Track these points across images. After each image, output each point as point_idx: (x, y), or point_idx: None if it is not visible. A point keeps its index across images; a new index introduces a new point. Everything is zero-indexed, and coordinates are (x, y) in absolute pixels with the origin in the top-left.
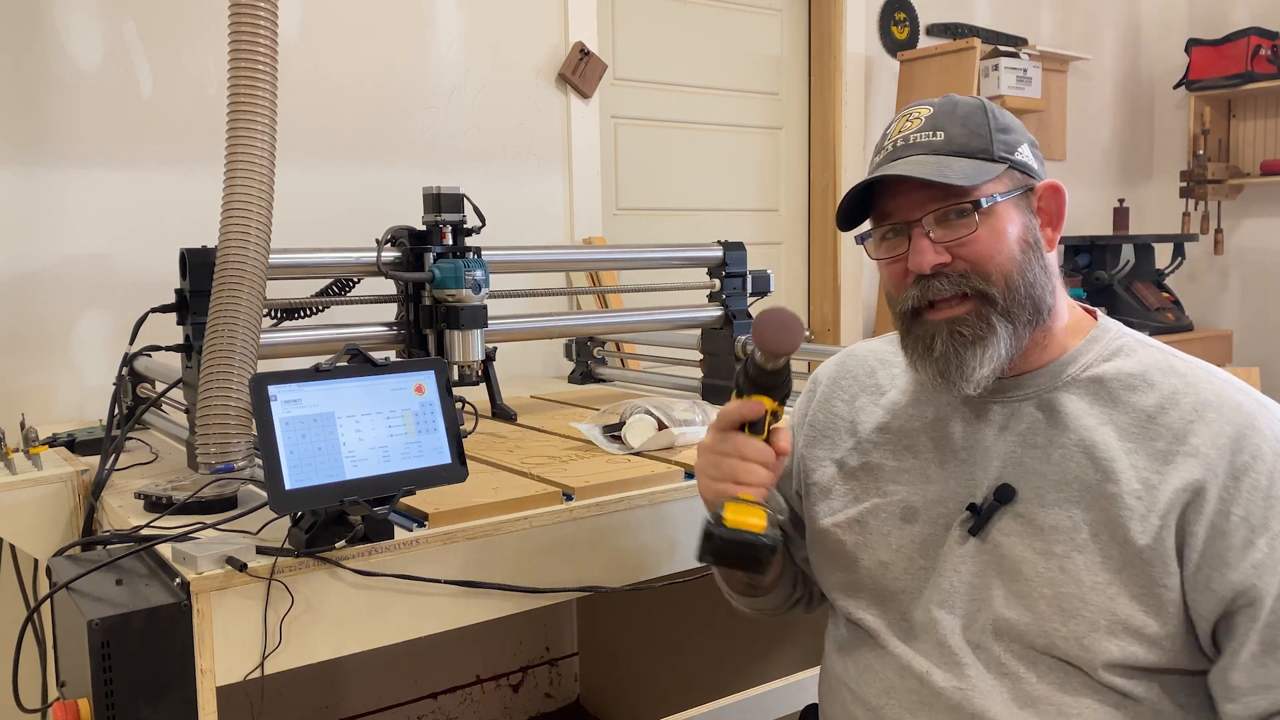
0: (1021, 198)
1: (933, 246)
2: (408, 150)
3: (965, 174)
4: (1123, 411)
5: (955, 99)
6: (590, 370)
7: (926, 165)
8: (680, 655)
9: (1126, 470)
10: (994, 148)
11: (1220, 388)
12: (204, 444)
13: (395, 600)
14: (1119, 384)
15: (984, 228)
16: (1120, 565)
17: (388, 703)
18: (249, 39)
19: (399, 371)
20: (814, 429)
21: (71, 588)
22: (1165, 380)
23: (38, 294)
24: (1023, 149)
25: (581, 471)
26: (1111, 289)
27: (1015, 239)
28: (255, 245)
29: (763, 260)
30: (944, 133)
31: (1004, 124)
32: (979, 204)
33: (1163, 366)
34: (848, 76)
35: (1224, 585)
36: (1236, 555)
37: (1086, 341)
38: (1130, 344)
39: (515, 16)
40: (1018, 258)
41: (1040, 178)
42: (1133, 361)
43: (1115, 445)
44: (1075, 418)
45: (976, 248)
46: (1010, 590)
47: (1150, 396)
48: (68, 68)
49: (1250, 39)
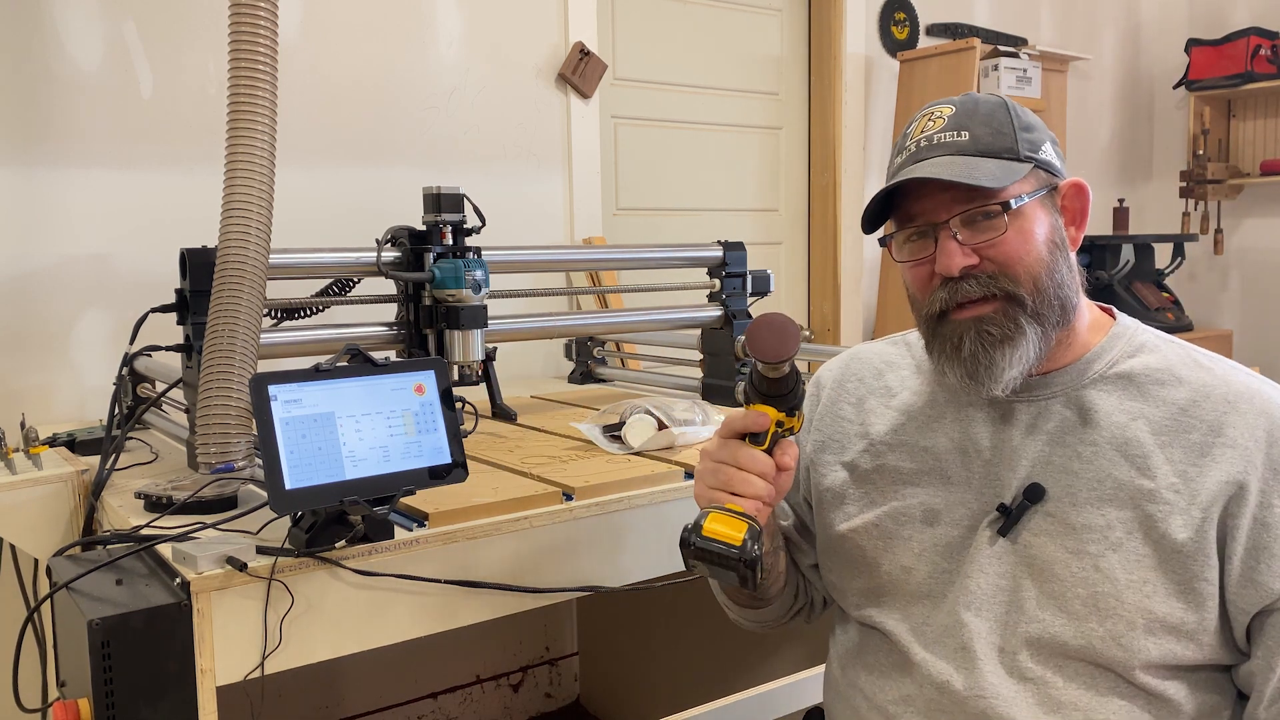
0: (1047, 197)
1: (960, 249)
2: (408, 150)
3: (993, 175)
4: (1154, 406)
5: (976, 97)
6: (590, 370)
7: (954, 166)
8: (680, 655)
9: (1162, 465)
10: (1019, 147)
11: (1247, 380)
12: (204, 444)
13: (395, 600)
14: (1147, 379)
15: (1012, 229)
16: (1157, 562)
17: (388, 703)
18: (249, 39)
19: (399, 371)
20: (821, 433)
21: (71, 588)
22: (1193, 374)
23: (38, 294)
24: (1045, 148)
25: (581, 471)
26: (1111, 289)
27: (1043, 240)
28: (255, 245)
29: (763, 260)
30: (968, 132)
31: (1027, 122)
32: (1008, 205)
33: (1187, 361)
34: (848, 76)
35: (1271, 577)
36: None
37: (1109, 339)
38: (1152, 341)
39: (515, 16)
40: (1045, 258)
41: (1063, 176)
42: (1157, 357)
43: (1149, 440)
44: (1106, 415)
45: (1005, 249)
46: (1043, 591)
47: (1180, 391)
48: (68, 68)
49: (1250, 39)
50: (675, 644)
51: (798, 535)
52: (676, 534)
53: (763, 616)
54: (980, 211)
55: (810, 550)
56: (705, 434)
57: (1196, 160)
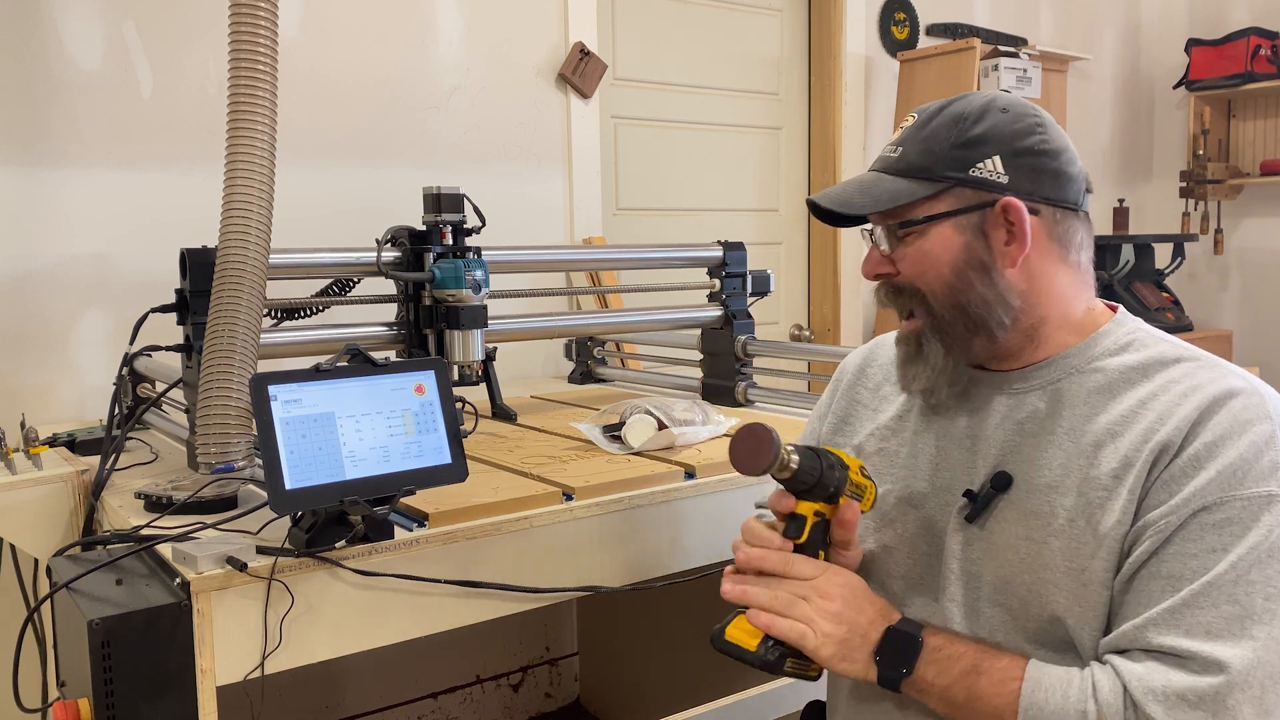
0: (969, 216)
1: (879, 256)
2: (408, 150)
3: (881, 198)
4: (1118, 400)
5: (939, 107)
6: (590, 370)
7: (848, 189)
8: (680, 655)
9: (1110, 455)
10: (940, 166)
11: (1220, 375)
12: (204, 444)
13: (395, 600)
14: (1119, 376)
15: (911, 248)
16: (1095, 550)
17: (388, 703)
18: (249, 39)
19: (399, 371)
20: (837, 417)
21: (71, 587)
22: (1166, 371)
23: (38, 294)
24: (987, 164)
25: (581, 471)
26: (1111, 289)
27: (947, 261)
28: (255, 245)
29: (762, 260)
30: (903, 149)
31: (973, 138)
32: (906, 224)
33: (1168, 358)
34: (847, 77)
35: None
36: (1164, 497)
37: (1094, 337)
38: (1143, 339)
39: (515, 16)
40: (948, 279)
41: (1011, 192)
42: (1140, 356)
43: (1103, 431)
44: (1072, 407)
45: (905, 265)
46: (998, 576)
47: (1146, 387)
48: (68, 68)
49: (1250, 39)
50: (675, 644)
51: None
52: (677, 534)
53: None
54: (889, 225)
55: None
56: (705, 434)
57: (1196, 160)
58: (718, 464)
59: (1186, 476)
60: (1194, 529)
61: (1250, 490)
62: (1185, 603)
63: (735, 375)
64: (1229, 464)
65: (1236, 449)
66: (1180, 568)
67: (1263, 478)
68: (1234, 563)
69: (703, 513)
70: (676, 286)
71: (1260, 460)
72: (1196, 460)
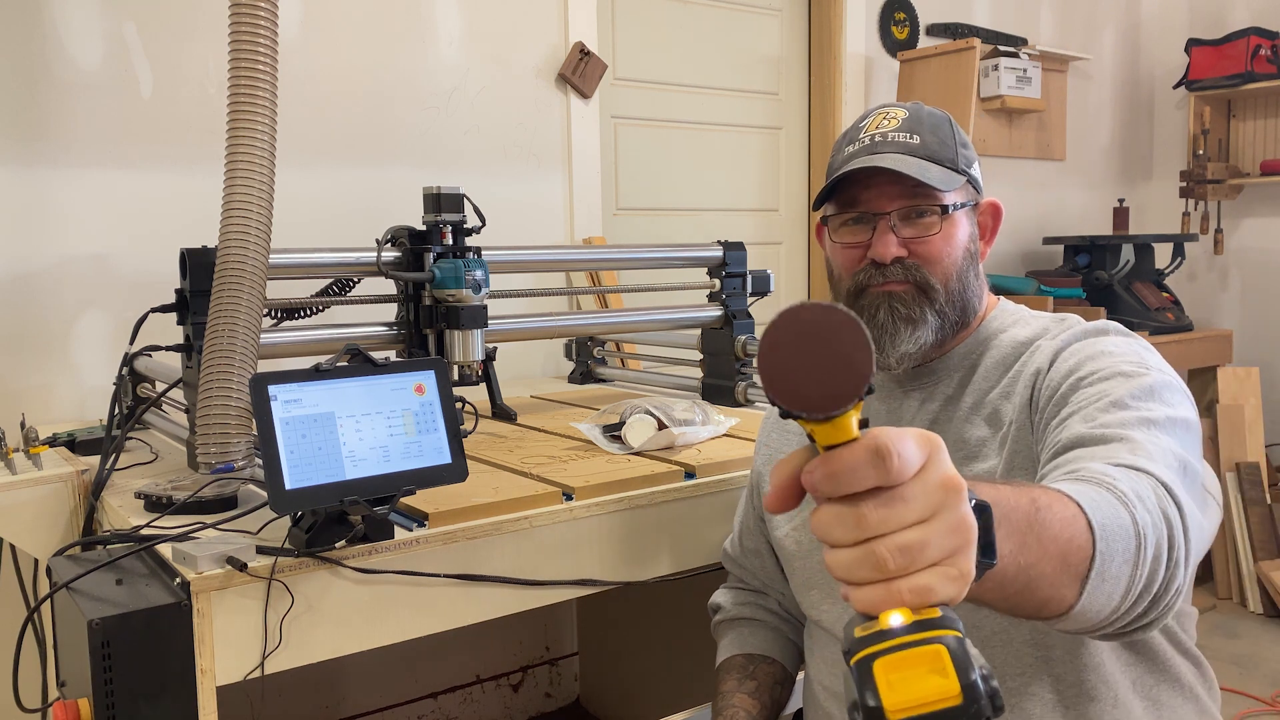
0: (971, 210)
1: (896, 239)
2: (408, 150)
3: (939, 178)
4: (1013, 371)
5: (923, 107)
6: (590, 370)
7: (909, 163)
8: (680, 655)
9: (1007, 413)
10: (958, 159)
11: (1089, 325)
12: (204, 444)
13: (396, 600)
14: (1010, 351)
15: (943, 231)
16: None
17: (388, 703)
18: (249, 39)
19: (399, 371)
20: (769, 448)
21: (71, 587)
22: (1046, 334)
23: (38, 294)
24: (975, 166)
25: (581, 471)
26: (1111, 289)
27: (961, 246)
28: (255, 245)
29: (763, 260)
30: (919, 137)
31: (964, 139)
32: (946, 209)
33: (1049, 327)
34: (847, 76)
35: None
36: (1048, 394)
37: (988, 320)
38: (1025, 317)
39: (515, 16)
40: (960, 263)
41: (983, 195)
42: (1026, 330)
43: (998, 398)
44: (974, 384)
45: (931, 247)
46: None
47: (1026, 350)
48: (68, 68)
49: (1250, 39)
50: (675, 644)
51: (771, 559)
52: (677, 534)
53: None
54: (920, 209)
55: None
56: (705, 434)
57: (1196, 160)
58: (718, 464)
59: (1060, 375)
60: (1079, 388)
61: (1103, 343)
62: (1102, 411)
63: (735, 375)
64: (1086, 352)
65: (1087, 342)
66: (1083, 399)
67: (1108, 331)
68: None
69: (703, 513)
70: (676, 286)
71: (1108, 329)
72: (1063, 363)
